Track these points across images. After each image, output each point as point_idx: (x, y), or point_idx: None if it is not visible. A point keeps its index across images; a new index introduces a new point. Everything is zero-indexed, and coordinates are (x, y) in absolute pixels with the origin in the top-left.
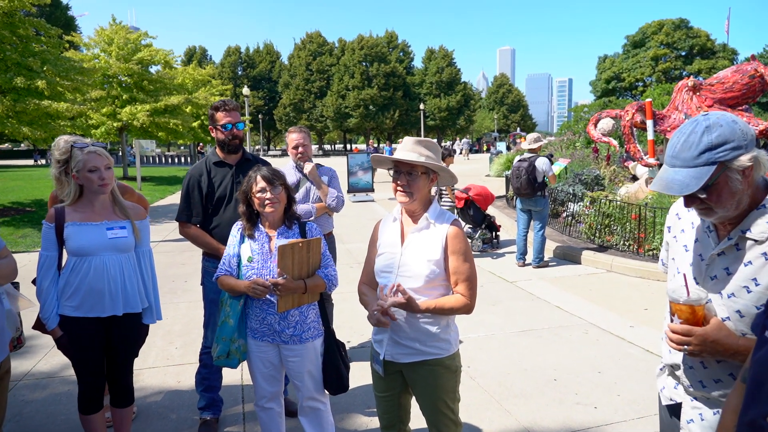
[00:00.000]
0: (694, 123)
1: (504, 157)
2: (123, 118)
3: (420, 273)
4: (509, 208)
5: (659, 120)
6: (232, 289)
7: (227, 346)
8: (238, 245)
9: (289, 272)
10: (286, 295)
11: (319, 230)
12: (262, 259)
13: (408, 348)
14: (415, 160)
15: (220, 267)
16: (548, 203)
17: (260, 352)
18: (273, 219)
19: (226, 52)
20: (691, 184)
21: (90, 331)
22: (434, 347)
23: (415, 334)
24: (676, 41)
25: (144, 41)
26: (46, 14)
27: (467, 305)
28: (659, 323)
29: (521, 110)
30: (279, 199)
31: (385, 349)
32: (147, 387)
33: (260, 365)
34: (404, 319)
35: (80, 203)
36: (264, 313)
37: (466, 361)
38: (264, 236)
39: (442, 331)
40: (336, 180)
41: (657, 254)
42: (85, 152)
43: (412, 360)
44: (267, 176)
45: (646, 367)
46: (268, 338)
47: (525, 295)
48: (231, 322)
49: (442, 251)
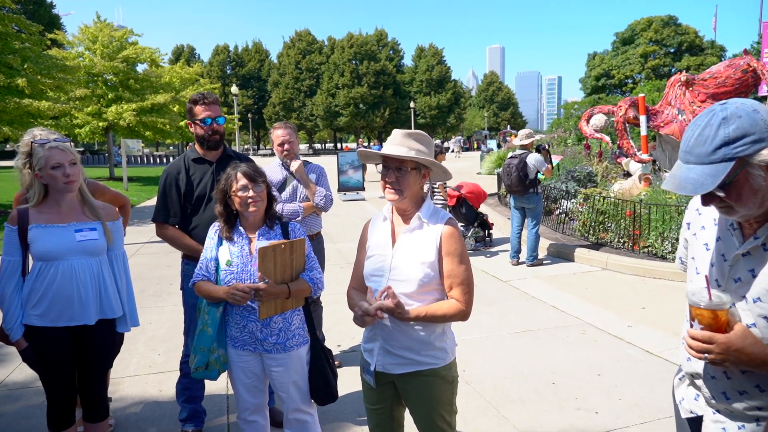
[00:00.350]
0: (709, 113)
1: (495, 155)
2: (109, 117)
3: (413, 276)
4: (502, 206)
5: (652, 115)
6: (210, 296)
7: (206, 356)
8: (215, 248)
9: (271, 276)
10: (268, 300)
11: (302, 230)
12: (241, 263)
13: (400, 358)
14: (405, 154)
15: (196, 272)
16: (541, 200)
17: (241, 362)
18: (254, 219)
19: (215, 50)
20: (707, 182)
21: (57, 342)
22: (429, 357)
23: (409, 343)
24: (664, 38)
25: (129, 39)
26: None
27: (462, 311)
28: (657, 322)
29: (511, 108)
30: (261, 198)
31: (375, 359)
32: (127, 397)
33: (242, 376)
34: (396, 327)
35: (45, 204)
36: (245, 320)
37: (460, 365)
38: (244, 238)
39: (438, 339)
40: (324, 178)
41: (652, 251)
42: (46, 148)
43: (405, 371)
44: (248, 173)
45: (646, 368)
46: (250, 347)
47: (519, 294)
48: (209, 331)
49: (436, 253)
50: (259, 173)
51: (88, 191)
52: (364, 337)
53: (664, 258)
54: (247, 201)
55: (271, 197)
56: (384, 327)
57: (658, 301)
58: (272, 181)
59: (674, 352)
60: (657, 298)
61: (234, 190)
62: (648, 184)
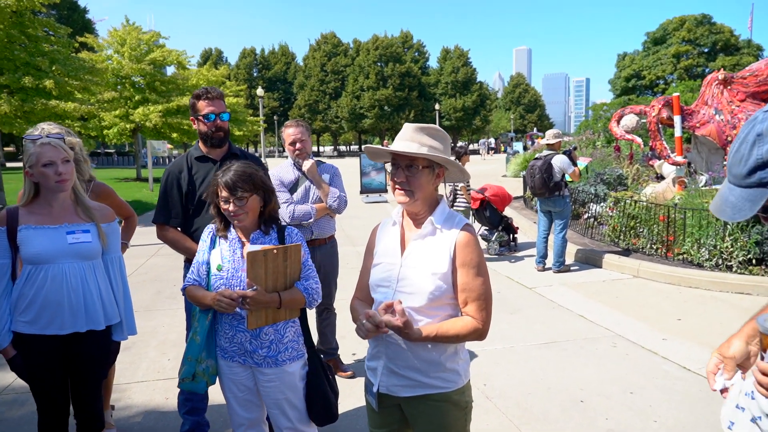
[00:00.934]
0: (749, 124)
1: (521, 157)
2: (136, 119)
3: (423, 289)
4: (527, 209)
5: (687, 116)
6: (199, 302)
7: (192, 367)
8: (208, 251)
9: (261, 283)
10: (258, 310)
11: (300, 236)
12: (232, 268)
13: (407, 379)
14: (415, 151)
15: (188, 276)
16: (569, 204)
17: (232, 374)
18: (245, 225)
19: (242, 53)
20: (745, 208)
21: (47, 351)
22: (439, 379)
23: (416, 363)
24: (698, 37)
25: (157, 42)
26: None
27: (478, 330)
28: (695, 336)
29: (538, 110)
30: (245, 210)
31: (379, 379)
32: (132, 405)
33: (233, 388)
34: (402, 345)
35: (36, 203)
36: (233, 330)
37: (481, 378)
38: (236, 241)
39: (449, 359)
40: (338, 178)
41: (688, 258)
42: (38, 144)
43: (412, 394)
44: (230, 184)
45: (683, 387)
46: (239, 359)
47: (545, 302)
48: (198, 339)
49: (449, 263)
50: (244, 182)
51: (82, 190)
52: (368, 353)
53: (701, 266)
54: (230, 215)
55: (268, 202)
56: (389, 344)
57: (696, 312)
58: (284, 181)
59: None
60: (694, 309)
61: (219, 198)
62: (683, 187)
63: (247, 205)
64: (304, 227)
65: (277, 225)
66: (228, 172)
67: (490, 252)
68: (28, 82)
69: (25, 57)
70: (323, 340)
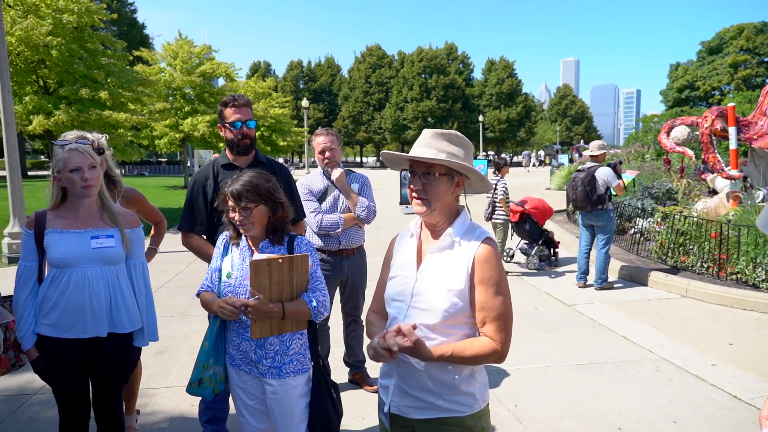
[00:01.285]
0: None
1: (566, 170)
2: (185, 128)
3: (437, 306)
4: (570, 224)
5: (743, 127)
6: (209, 308)
7: (200, 372)
8: (221, 258)
9: (265, 292)
10: (262, 319)
11: (310, 246)
12: (240, 276)
13: (419, 401)
14: (433, 157)
15: (203, 282)
16: (613, 218)
17: (242, 382)
18: (253, 234)
19: (289, 66)
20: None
21: (68, 355)
22: (453, 402)
23: (429, 384)
24: (758, 46)
25: (207, 55)
26: (124, 33)
27: (497, 353)
28: (749, 362)
29: (585, 122)
30: (251, 220)
31: (390, 398)
32: (158, 411)
33: (243, 397)
34: (415, 364)
35: (63, 208)
36: (240, 338)
37: (512, 399)
38: (246, 249)
39: (464, 382)
40: (368, 188)
41: (741, 278)
42: (66, 150)
43: (425, 416)
44: (234, 194)
45: (734, 419)
46: (245, 368)
47: (585, 321)
48: (206, 345)
49: (467, 279)
50: (252, 192)
51: (108, 195)
52: (381, 370)
53: (757, 287)
54: (237, 222)
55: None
56: (401, 362)
57: (750, 336)
58: (312, 190)
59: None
60: (748, 333)
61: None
62: (737, 202)
63: (252, 215)
64: (332, 237)
65: (288, 236)
66: (236, 181)
67: (529, 266)
68: (85, 94)
69: (84, 70)
70: (350, 353)
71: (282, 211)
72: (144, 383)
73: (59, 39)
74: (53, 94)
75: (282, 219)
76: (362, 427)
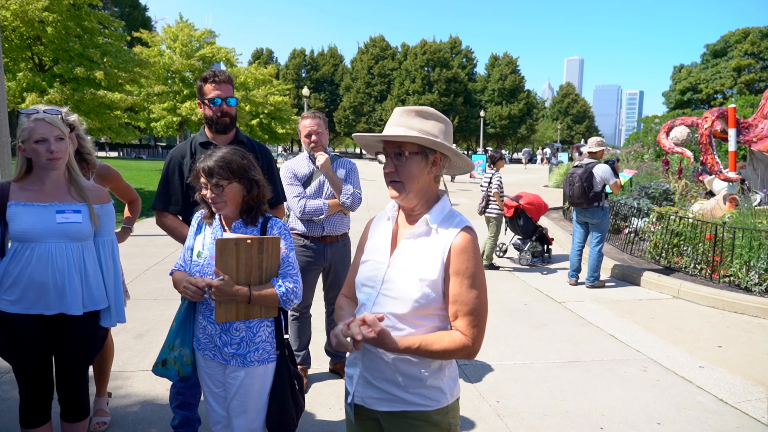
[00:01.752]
0: None
1: (564, 167)
2: (182, 112)
3: (408, 295)
4: (565, 221)
5: (744, 129)
6: (177, 288)
7: (164, 353)
8: (194, 237)
9: (231, 273)
10: (226, 302)
11: (284, 228)
12: (209, 255)
13: (383, 392)
14: (402, 134)
15: (176, 261)
16: (608, 216)
17: (207, 368)
18: (227, 213)
19: (292, 54)
20: None
21: (30, 332)
22: (418, 395)
23: (393, 376)
24: (762, 51)
25: (208, 39)
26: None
27: (467, 348)
28: (737, 366)
29: (587, 121)
30: (224, 198)
31: (354, 388)
32: (131, 394)
33: (209, 383)
34: (380, 354)
35: (28, 180)
36: (206, 321)
37: (494, 394)
38: (218, 228)
39: (432, 375)
40: (354, 174)
41: (734, 281)
42: (32, 119)
43: (389, 409)
44: (207, 170)
45: (719, 423)
46: (210, 353)
47: (574, 318)
48: (173, 325)
49: (441, 269)
50: (224, 169)
51: (77, 169)
52: (348, 359)
53: (749, 290)
54: (209, 200)
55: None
56: (366, 352)
57: (739, 340)
58: (297, 174)
59: (755, 404)
60: (738, 337)
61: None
62: (734, 205)
63: (225, 193)
64: (315, 223)
65: (263, 217)
66: (210, 157)
67: (521, 262)
68: (80, 73)
69: (80, 48)
70: (331, 342)
71: (258, 190)
72: (121, 365)
73: (55, 15)
74: (48, 72)
75: (257, 198)
76: (340, 417)
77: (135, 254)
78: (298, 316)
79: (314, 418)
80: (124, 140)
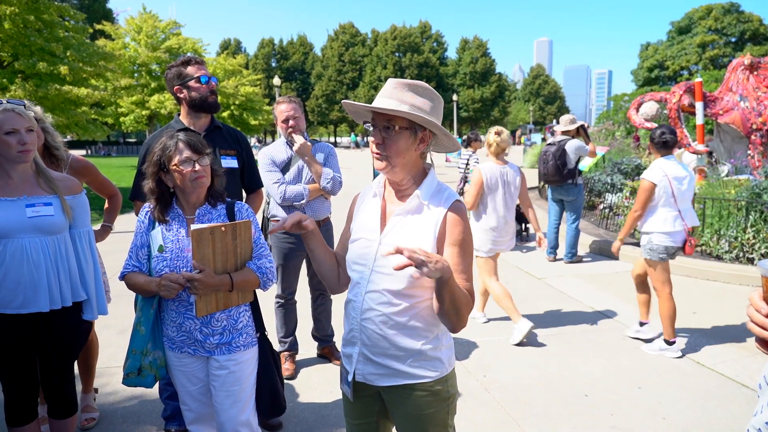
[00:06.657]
0: None
1: (538, 148)
2: (151, 106)
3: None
4: (541, 200)
5: (710, 102)
6: (142, 290)
7: (138, 360)
8: (146, 232)
9: (210, 264)
10: (207, 294)
11: (250, 212)
12: (176, 248)
13: (384, 367)
14: (394, 108)
15: (125, 262)
16: (582, 192)
17: (182, 365)
18: (197, 198)
19: (260, 44)
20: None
21: (8, 330)
22: (419, 367)
23: (393, 350)
24: (725, 27)
25: (173, 30)
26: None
27: (473, 298)
28: (711, 330)
29: (558, 102)
30: (207, 173)
31: (355, 366)
32: (119, 389)
33: (185, 382)
34: (378, 330)
35: None
36: (181, 317)
37: (481, 369)
38: (180, 219)
39: (431, 346)
40: (333, 158)
41: (706, 250)
42: (0, 111)
43: (390, 383)
44: (193, 143)
45: (696, 384)
46: (189, 349)
47: (555, 293)
48: (142, 330)
49: (434, 242)
50: (204, 144)
51: (41, 161)
52: (343, 339)
53: (720, 258)
54: (194, 177)
55: (214, 172)
56: (364, 329)
57: (712, 306)
58: (275, 160)
59: (730, 365)
60: (711, 303)
61: (175, 164)
62: (703, 177)
63: (208, 167)
64: (296, 209)
65: (223, 199)
66: (183, 134)
67: None
68: (42, 68)
69: (41, 42)
70: (318, 327)
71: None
72: (106, 362)
73: (12, 8)
74: (7, 69)
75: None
76: (330, 400)
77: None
78: (284, 302)
79: (305, 402)
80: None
